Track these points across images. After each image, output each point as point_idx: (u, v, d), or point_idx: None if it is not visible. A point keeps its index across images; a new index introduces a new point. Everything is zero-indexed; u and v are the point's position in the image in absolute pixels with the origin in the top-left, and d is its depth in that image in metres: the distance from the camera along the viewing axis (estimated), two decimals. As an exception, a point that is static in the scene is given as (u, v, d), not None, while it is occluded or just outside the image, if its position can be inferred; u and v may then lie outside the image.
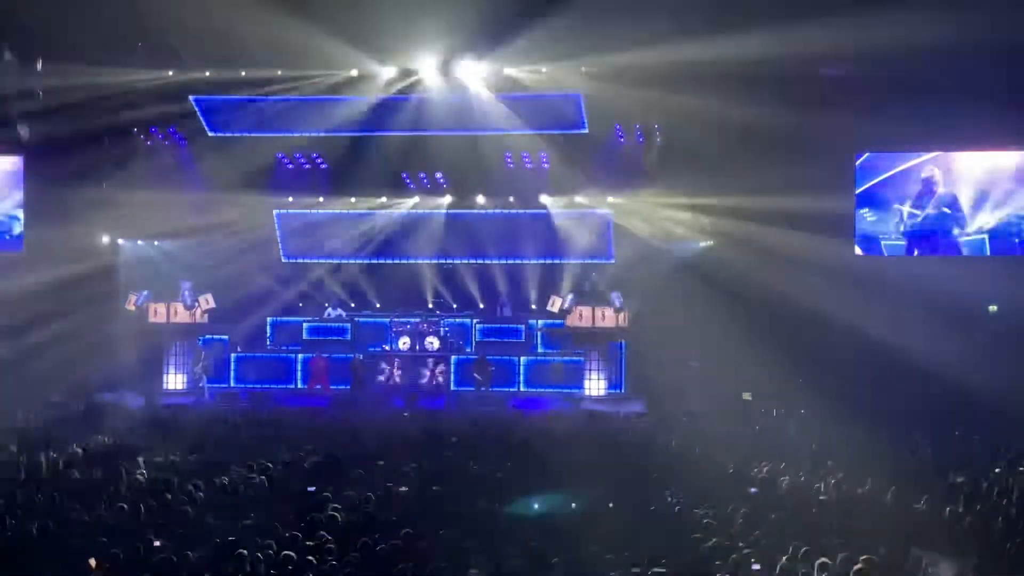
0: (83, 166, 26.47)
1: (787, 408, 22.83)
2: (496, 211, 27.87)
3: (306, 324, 27.64)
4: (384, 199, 28.22)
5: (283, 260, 28.82)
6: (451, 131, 26.19)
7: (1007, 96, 23.31)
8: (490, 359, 26.22)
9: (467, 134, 26.27)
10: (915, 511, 12.92)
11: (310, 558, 10.60)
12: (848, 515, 12.47)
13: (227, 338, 27.23)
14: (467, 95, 25.17)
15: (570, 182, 26.90)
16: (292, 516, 12.48)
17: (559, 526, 12.29)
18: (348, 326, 27.55)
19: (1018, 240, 25.40)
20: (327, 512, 12.48)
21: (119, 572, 10.37)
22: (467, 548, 11.09)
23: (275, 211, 28.44)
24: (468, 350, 26.96)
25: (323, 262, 28.73)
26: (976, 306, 25.13)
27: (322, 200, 28.38)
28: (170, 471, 15.29)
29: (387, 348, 27.07)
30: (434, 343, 26.80)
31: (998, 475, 15.37)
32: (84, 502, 13.04)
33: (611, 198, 27.02)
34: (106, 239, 27.94)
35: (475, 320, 27.49)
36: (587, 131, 25.72)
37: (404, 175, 27.79)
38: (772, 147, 23.34)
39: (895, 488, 13.56)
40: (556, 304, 25.81)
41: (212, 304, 26.61)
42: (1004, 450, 17.53)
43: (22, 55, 24.90)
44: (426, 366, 26.45)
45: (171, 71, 25.05)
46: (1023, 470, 16.03)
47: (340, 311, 28.09)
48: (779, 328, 24.39)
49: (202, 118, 26.60)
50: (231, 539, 11.22)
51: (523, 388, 26.22)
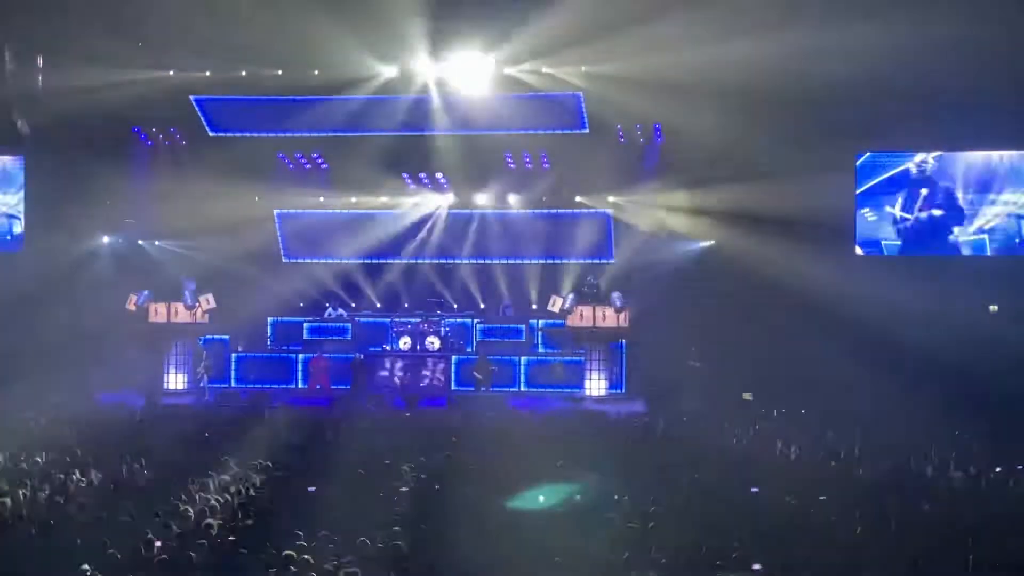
0: (83, 166, 26.47)
1: (787, 408, 22.84)
2: (496, 211, 27.85)
3: (307, 324, 27.62)
4: (385, 199, 28.22)
5: (283, 260, 28.81)
6: (452, 131, 26.20)
7: (1008, 96, 23.31)
8: (491, 359, 26.21)
9: (468, 134, 26.27)
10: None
11: (308, 558, 10.61)
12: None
13: (227, 338, 27.23)
14: (468, 95, 25.16)
15: (570, 182, 26.89)
16: (293, 516, 12.49)
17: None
18: (348, 326, 27.54)
19: (1018, 240, 25.41)
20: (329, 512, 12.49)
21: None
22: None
23: (275, 211, 28.44)
24: (469, 350, 26.96)
25: (323, 262, 28.72)
26: (977, 306, 25.11)
27: (323, 200, 28.38)
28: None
29: (388, 348, 27.06)
30: (435, 343, 26.79)
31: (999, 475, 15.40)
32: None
33: (611, 198, 27.01)
34: (106, 239, 27.91)
35: (476, 320, 27.48)
36: (588, 131, 25.71)
37: (405, 175, 27.79)
38: (773, 147, 23.32)
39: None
40: (557, 304, 25.80)
41: (213, 304, 26.60)
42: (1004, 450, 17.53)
43: (23, 55, 24.89)
44: (427, 366, 26.44)
45: (171, 71, 25.05)
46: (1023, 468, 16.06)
47: (340, 311, 28.08)
48: (779, 328, 24.39)
49: (202, 118, 26.60)
50: (231, 539, 11.24)
51: (524, 388, 26.21)
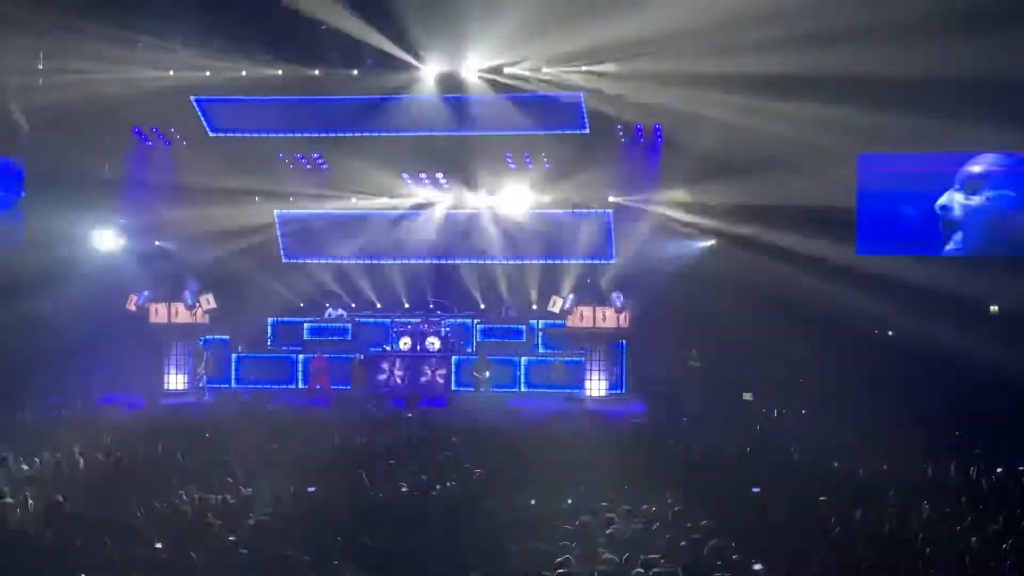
0: (84, 166, 26.48)
1: (788, 409, 22.84)
2: (497, 212, 27.83)
3: (307, 324, 27.64)
4: (385, 199, 28.23)
5: (284, 260, 28.81)
6: (452, 131, 26.20)
7: (1008, 97, 23.30)
8: (491, 359, 26.20)
9: (468, 134, 26.27)
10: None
11: (307, 558, 10.60)
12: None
13: (228, 338, 27.23)
14: (468, 95, 25.16)
15: (571, 182, 26.89)
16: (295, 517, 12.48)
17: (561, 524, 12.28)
18: (349, 326, 27.54)
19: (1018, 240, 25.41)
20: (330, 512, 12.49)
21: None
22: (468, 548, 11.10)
23: (275, 211, 28.44)
24: (469, 350, 26.95)
25: (324, 262, 28.72)
26: (977, 307, 25.11)
27: (323, 200, 28.38)
28: None
29: (388, 348, 27.06)
30: (435, 343, 26.78)
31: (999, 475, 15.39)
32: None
33: (612, 198, 27.01)
34: (106, 239, 27.90)
35: (476, 320, 27.48)
36: (588, 131, 25.71)
37: (405, 175, 27.79)
38: (773, 147, 23.31)
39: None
40: (557, 304, 25.79)
41: (213, 304, 26.60)
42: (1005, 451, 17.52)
43: (23, 55, 24.89)
44: (427, 366, 26.43)
45: (171, 71, 25.05)
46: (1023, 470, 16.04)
47: (341, 311, 28.08)
48: (780, 328, 24.38)
49: (202, 118, 26.60)
50: (232, 539, 11.23)
51: (524, 388, 26.21)
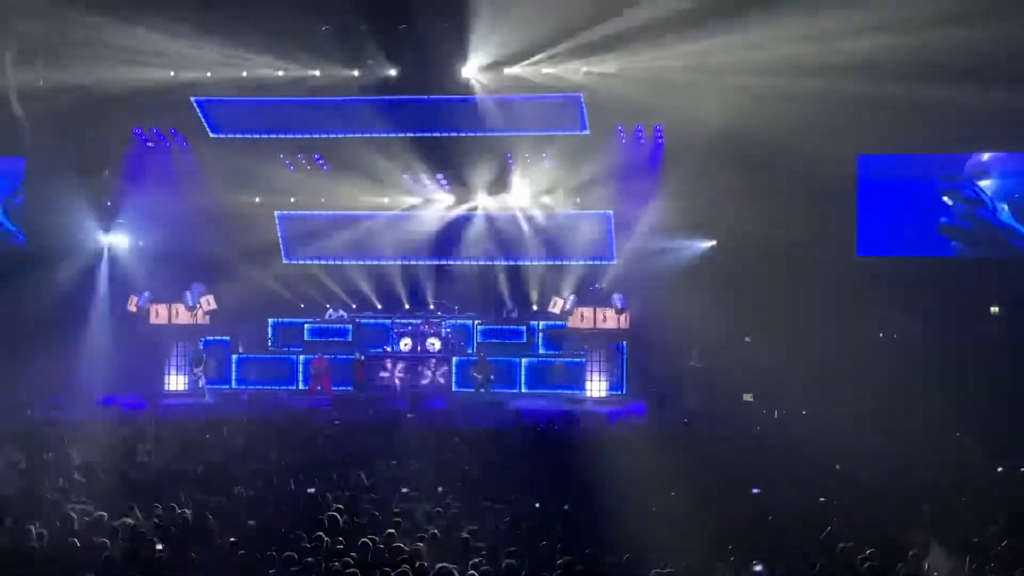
0: (84, 167, 26.49)
1: (787, 410, 22.84)
2: (497, 212, 27.83)
3: (307, 325, 27.63)
4: (385, 200, 28.22)
5: (284, 261, 28.81)
6: (452, 132, 26.21)
7: (1008, 98, 23.29)
8: (491, 360, 26.19)
9: (468, 135, 26.28)
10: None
11: (311, 559, 10.60)
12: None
13: (228, 339, 27.24)
14: (469, 97, 25.16)
15: (571, 183, 26.89)
16: (294, 518, 12.49)
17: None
18: (349, 327, 27.54)
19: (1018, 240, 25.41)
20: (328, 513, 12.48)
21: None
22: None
23: (276, 212, 28.44)
24: (470, 351, 26.95)
25: (324, 263, 28.71)
26: (978, 307, 25.11)
27: (323, 201, 28.39)
28: None
29: (388, 349, 27.07)
30: (435, 344, 26.78)
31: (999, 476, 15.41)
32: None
33: (612, 199, 26.98)
34: (107, 240, 27.92)
35: (476, 321, 27.48)
36: (588, 132, 25.71)
37: (405, 176, 27.79)
38: (774, 147, 23.29)
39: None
40: (557, 305, 25.80)
41: (213, 305, 26.61)
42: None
43: (24, 56, 24.90)
44: (427, 367, 26.44)
45: (172, 71, 25.05)
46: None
47: (341, 312, 28.08)
48: (780, 329, 24.38)
49: (203, 119, 26.61)
50: (232, 540, 11.23)
51: (524, 389, 26.20)
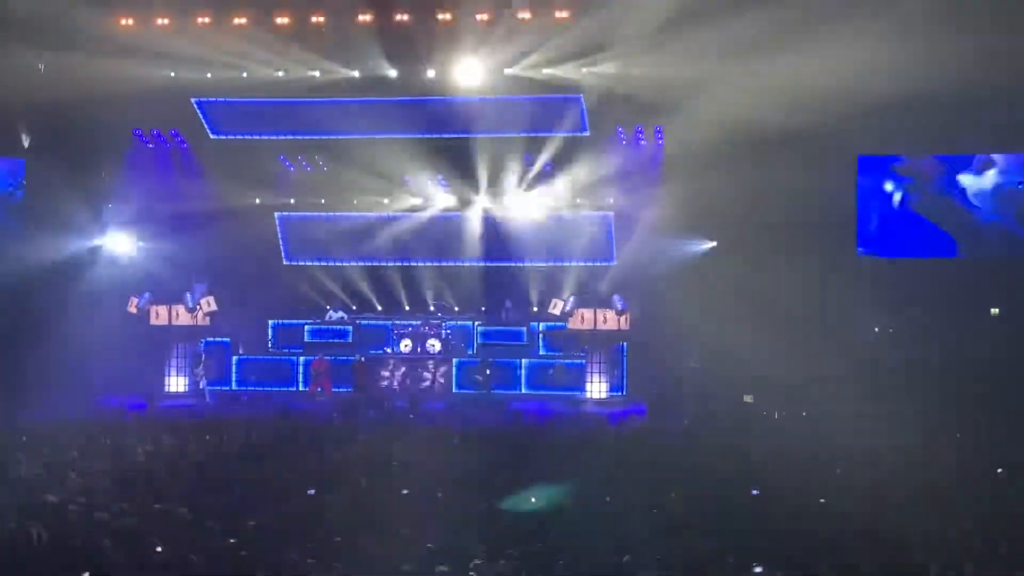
0: (85, 168, 26.49)
1: (788, 411, 22.84)
2: (497, 213, 27.82)
3: (308, 326, 27.62)
4: (386, 201, 28.22)
5: (285, 262, 28.82)
6: (453, 133, 26.22)
7: (1007, 99, 23.32)
8: (491, 362, 26.17)
9: (469, 137, 26.28)
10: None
11: (311, 560, 10.58)
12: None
13: (228, 340, 27.23)
14: (469, 98, 25.16)
15: (572, 184, 26.89)
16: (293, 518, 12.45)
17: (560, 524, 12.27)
18: (350, 328, 27.53)
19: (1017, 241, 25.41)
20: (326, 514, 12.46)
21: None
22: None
23: (277, 213, 28.44)
24: (470, 353, 26.94)
25: (325, 264, 28.71)
26: (978, 308, 25.10)
27: (324, 202, 28.39)
28: None
29: (389, 351, 27.06)
30: (435, 345, 26.78)
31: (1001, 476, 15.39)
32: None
33: (613, 200, 26.99)
34: (107, 242, 27.91)
35: (477, 323, 27.47)
36: (588, 133, 25.72)
37: (406, 177, 27.80)
38: (774, 148, 23.30)
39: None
40: (558, 306, 25.79)
41: (214, 307, 26.61)
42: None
43: (24, 57, 24.90)
44: (428, 369, 26.43)
45: (172, 72, 25.05)
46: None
47: (342, 313, 28.07)
48: (781, 329, 24.36)
49: (204, 120, 26.62)
50: (232, 541, 11.20)
51: (524, 391, 26.19)
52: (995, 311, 25.59)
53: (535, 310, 27.67)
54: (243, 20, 23.97)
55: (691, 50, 22.32)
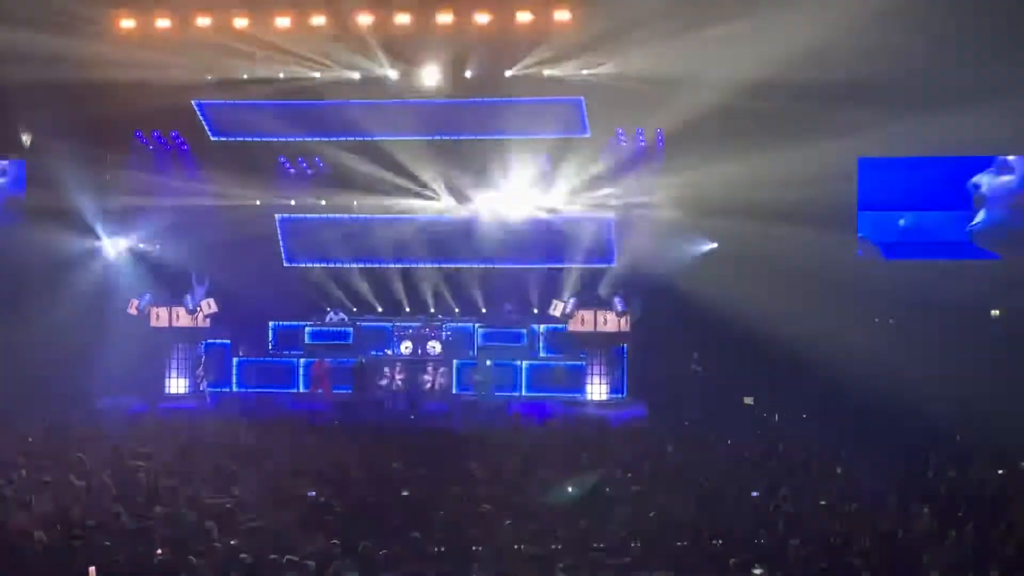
0: (85, 170, 26.51)
1: (788, 413, 22.85)
2: (498, 215, 27.80)
3: (308, 328, 27.60)
4: (386, 203, 28.20)
5: (285, 264, 28.81)
6: (453, 135, 26.22)
7: (1007, 101, 23.27)
8: (490, 363, 26.16)
9: (469, 138, 26.28)
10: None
11: (310, 562, 10.60)
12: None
13: (229, 342, 27.22)
14: (469, 100, 25.17)
15: (572, 186, 26.89)
16: (294, 520, 12.47)
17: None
18: (350, 330, 27.51)
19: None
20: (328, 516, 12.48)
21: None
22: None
23: (277, 215, 28.43)
24: (470, 354, 26.93)
25: (325, 266, 28.70)
26: (979, 310, 25.08)
27: (324, 204, 28.39)
28: None
29: (389, 352, 27.05)
30: (436, 347, 26.76)
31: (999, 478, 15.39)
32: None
33: (613, 201, 26.98)
34: (108, 243, 27.91)
35: (477, 324, 27.46)
36: (589, 135, 25.71)
37: (406, 179, 27.78)
38: (774, 150, 23.28)
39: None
40: (558, 308, 25.77)
41: (214, 308, 26.60)
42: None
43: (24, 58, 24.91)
44: (428, 370, 26.41)
45: (173, 74, 25.04)
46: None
47: (342, 315, 28.05)
48: (781, 331, 24.35)
49: (204, 122, 26.62)
50: (232, 543, 11.22)
51: (524, 392, 26.17)
52: (996, 313, 25.56)
53: (535, 312, 27.65)
54: (244, 22, 24.00)
55: (692, 51, 22.31)
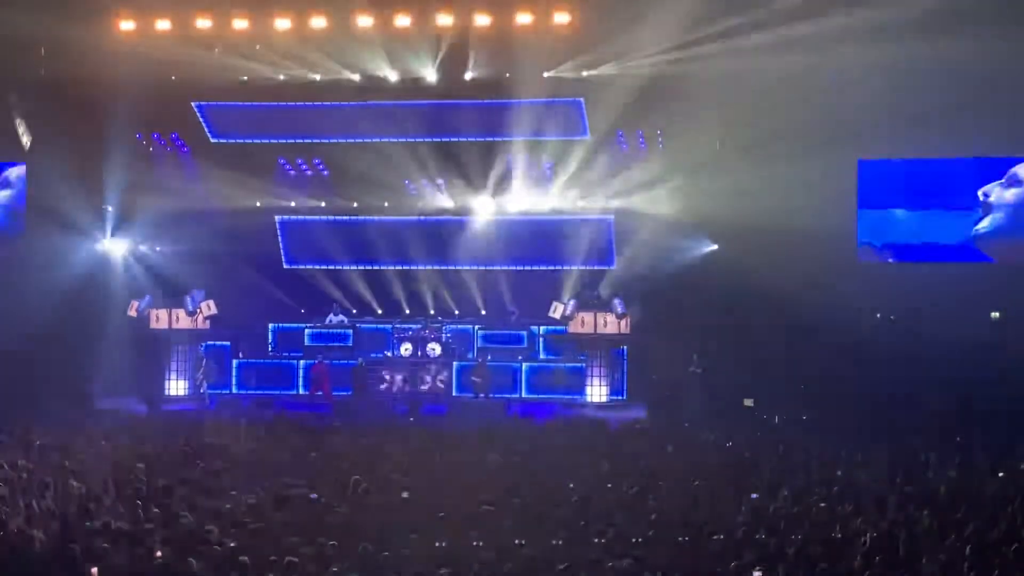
0: (86, 172, 26.51)
1: (788, 415, 22.83)
2: (498, 217, 27.81)
3: (308, 330, 27.60)
4: (386, 205, 28.21)
5: (285, 266, 28.82)
6: (453, 137, 26.22)
7: (1007, 103, 23.27)
8: (491, 365, 26.16)
9: (469, 140, 26.27)
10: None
11: (310, 564, 10.59)
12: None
13: (228, 344, 27.23)
14: (469, 101, 25.16)
15: (572, 188, 26.88)
16: (294, 522, 12.46)
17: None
18: (350, 332, 27.51)
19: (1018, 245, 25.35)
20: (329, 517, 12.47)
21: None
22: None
23: (277, 217, 28.44)
24: (470, 356, 26.92)
25: (325, 268, 28.71)
26: (978, 312, 25.05)
27: (324, 206, 28.39)
28: None
29: (389, 354, 27.05)
30: (436, 349, 26.75)
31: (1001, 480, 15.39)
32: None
33: (613, 203, 26.98)
34: (108, 245, 27.91)
35: (477, 326, 27.46)
36: (589, 137, 25.71)
37: (406, 181, 27.81)
38: (774, 152, 23.28)
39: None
40: (558, 310, 25.76)
41: (214, 310, 26.60)
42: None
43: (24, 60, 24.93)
44: (428, 372, 26.40)
45: (173, 76, 25.05)
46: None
47: (342, 317, 28.05)
48: (781, 333, 24.35)
49: (204, 124, 26.62)
50: (232, 545, 11.21)
51: (524, 394, 26.16)
52: (996, 315, 25.52)
53: (535, 313, 27.64)
54: (243, 23, 23.99)
55: (692, 52, 22.31)
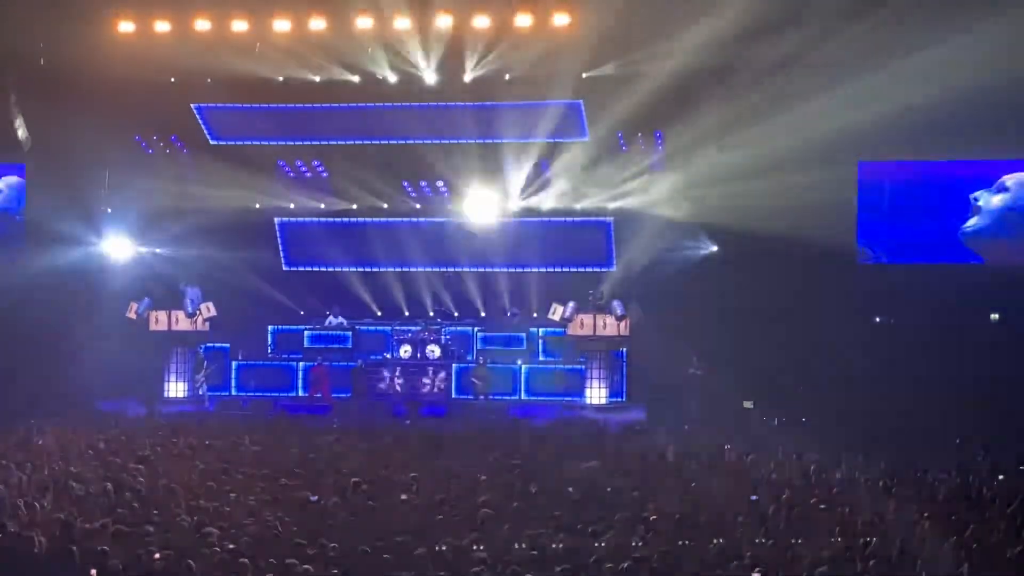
0: (85, 174, 26.49)
1: (788, 417, 22.83)
2: (497, 219, 27.78)
3: (307, 332, 27.59)
4: (385, 207, 28.21)
5: (284, 268, 28.81)
6: (452, 139, 26.21)
7: (1007, 105, 23.27)
8: (491, 366, 26.15)
9: (469, 142, 26.27)
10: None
11: (308, 567, 10.57)
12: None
13: (228, 346, 27.21)
14: (469, 103, 25.15)
15: (571, 189, 26.87)
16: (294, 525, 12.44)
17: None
18: (349, 334, 27.49)
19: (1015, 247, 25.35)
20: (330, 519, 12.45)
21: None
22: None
23: (276, 219, 28.43)
24: (469, 358, 26.92)
25: (324, 270, 28.70)
26: (978, 314, 25.06)
27: (323, 208, 28.38)
28: None
29: (388, 356, 27.03)
30: (435, 351, 26.74)
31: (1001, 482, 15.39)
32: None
33: (612, 205, 26.98)
34: (107, 247, 27.88)
35: (476, 328, 27.46)
36: (588, 139, 25.70)
37: (405, 183, 27.80)
38: (774, 152, 23.28)
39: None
40: (557, 312, 25.74)
41: (213, 312, 26.58)
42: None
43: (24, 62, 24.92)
44: (427, 374, 26.40)
45: (172, 78, 25.04)
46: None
47: (341, 319, 28.04)
48: (781, 336, 24.34)
49: (203, 126, 26.60)
50: (232, 547, 11.18)
51: (524, 396, 26.15)
52: (995, 316, 25.53)
53: (535, 315, 27.65)
54: (243, 25, 23.97)
55: (692, 54, 22.31)
